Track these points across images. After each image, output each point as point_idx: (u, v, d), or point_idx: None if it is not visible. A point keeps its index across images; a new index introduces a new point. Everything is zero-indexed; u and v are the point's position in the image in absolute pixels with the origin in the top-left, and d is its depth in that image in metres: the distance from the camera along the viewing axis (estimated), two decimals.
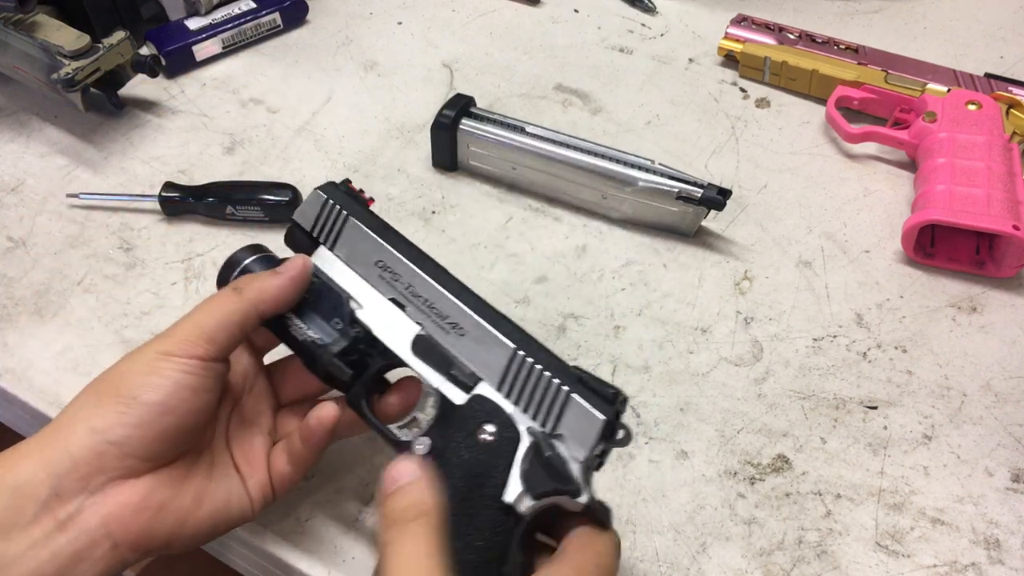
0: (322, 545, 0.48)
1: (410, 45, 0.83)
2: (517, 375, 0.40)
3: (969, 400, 0.55)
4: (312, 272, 0.46)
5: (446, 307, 0.43)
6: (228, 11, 0.81)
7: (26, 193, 0.68)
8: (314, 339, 0.45)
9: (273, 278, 0.45)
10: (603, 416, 0.38)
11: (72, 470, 0.38)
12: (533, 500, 0.38)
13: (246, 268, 0.47)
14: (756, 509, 0.50)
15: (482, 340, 0.42)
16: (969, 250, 0.63)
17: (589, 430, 0.38)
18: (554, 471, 0.38)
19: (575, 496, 0.38)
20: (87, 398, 0.41)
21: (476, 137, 0.67)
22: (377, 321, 0.44)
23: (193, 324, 0.42)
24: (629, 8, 0.88)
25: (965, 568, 0.47)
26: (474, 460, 0.39)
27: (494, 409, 0.40)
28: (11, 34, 0.68)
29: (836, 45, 0.78)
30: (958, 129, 0.66)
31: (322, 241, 0.47)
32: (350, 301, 0.45)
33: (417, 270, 0.44)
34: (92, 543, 0.38)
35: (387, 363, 0.44)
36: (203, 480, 0.43)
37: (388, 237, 0.46)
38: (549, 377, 0.40)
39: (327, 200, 0.47)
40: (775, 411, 0.55)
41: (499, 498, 0.38)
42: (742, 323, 0.60)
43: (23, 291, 0.61)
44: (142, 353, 0.41)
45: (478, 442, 0.39)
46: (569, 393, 0.39)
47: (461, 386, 0.41)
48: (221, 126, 0.74)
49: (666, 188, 0.62)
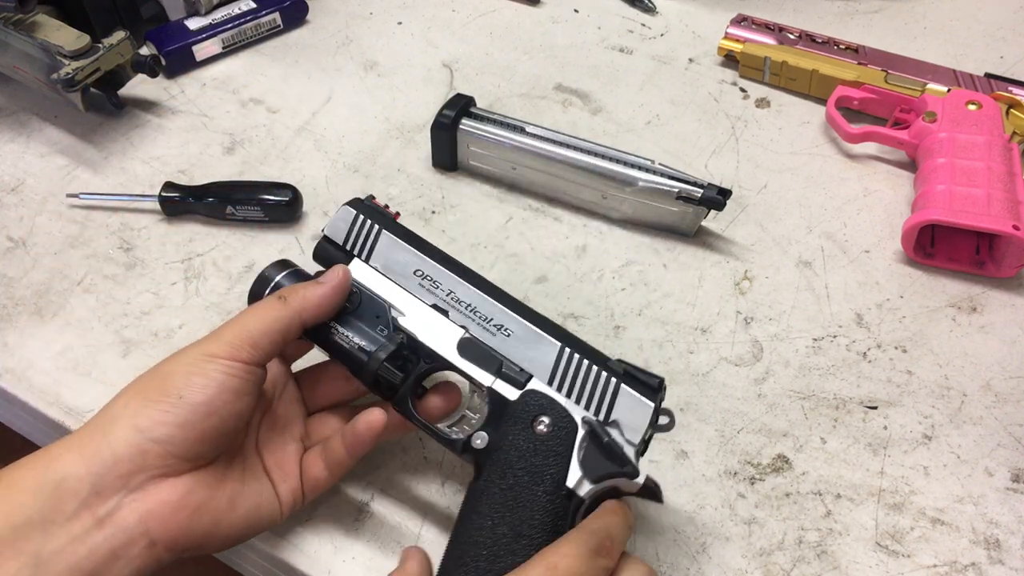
0: (322, 545, 0.48)
1: (410, 45, 0.83)
2: (566, 370, 0.44)
3: (969, 400, 0.55)
4: (352, 282, 0.47)
5: (490, 311, 0.46)
6: (228, 11, 0.81)
7: (26, 193, 0.68)
8: (360, 346, 0.46)
9: (317, 287, 0.46)
10: (652, 403, 0.42)
11: (113, 467, 0.39)
12: (592, 484, 0.41)
13: (278, 284, 0.49)
14: (756, 509, 0.50)
15: (528, 340, 0.45)
16: (969, 250, 0.63)
17: (641, 417, 0.42)
18: (612, 455, 0.41)
19: (632, 477, 0.41)
20: (131, 396, 0.41)
21: (476, 137, 0.67)
22: (421, 327, 0.46)
23: (239, 328, 0.43)
24: (629, 8, 0.88)
25: (965, 568, 0.47)
26: (532, 450, 0.42)
27: (548, 402, 0.43)
28: (11, 34, 0.68)
29: (836, 45, 0.78)
30: (958, 129, 0.66)
31: (356, 254, 0.49)
32: (391, 309, 0.47)
33: (458, 278, 0.47)
34: (129, 541, 0.39)
35: (431, 367, 0.46)
36: (237, 483, 0.43)
37: (424, 248, 0.48)
38: (597, 370, 0.43)
39: (357, 215, 0.49)
40: (775, 411, 0.55)
41: (561, 484, 0.41)
42: (742, 323, 0.60)
43: (23, 291, 0.61)
44: (187, 354, 0.42)
45: (535, 433, 0.42)
46: (618, 383, 0.43)
47: (513, 383, 0.44)
48: (221, 126, 0.74)
49: (666, 188, 0.62)
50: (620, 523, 0.40)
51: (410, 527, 0.49)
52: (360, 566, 0.48)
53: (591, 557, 0.37)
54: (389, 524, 0.49)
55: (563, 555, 0.37)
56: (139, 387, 0.42)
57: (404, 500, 0.50)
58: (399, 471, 0.51)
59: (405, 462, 0.52)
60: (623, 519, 0.40)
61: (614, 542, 0.39)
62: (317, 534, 0.49)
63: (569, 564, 0.37)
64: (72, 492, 0.38)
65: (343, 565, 0.48)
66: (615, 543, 0.39)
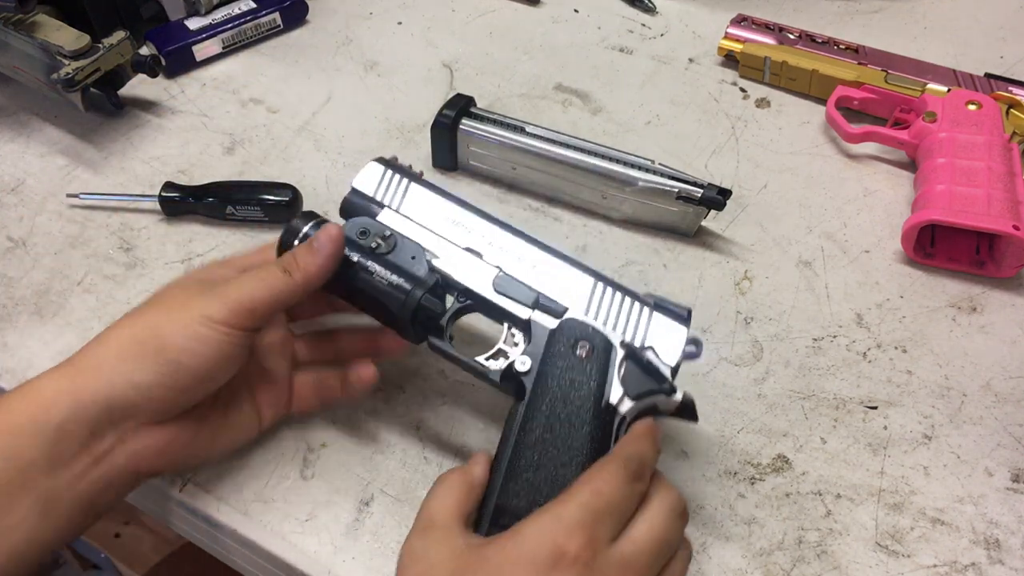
0: (322, 545, 0.48)
1: (410, 45, 0.83)
2: (601, 301, 0.46)
3: (969, 400, 0.55)
4: (346, 239, 0.48)
5: (523, 251, 0.48)
6: (228, 11, 0.81)
7: (26, 193, 0.68)
8: (398, 283, 0.47)
9: (315, 258, 0.46)
10: (685, 327, 0.46)
11: (108, 415, 0.42)
12: (633, 400, 0.44)
13: (306, 235, 0.48)
14: (756, 509, 0.50)
15: (563, 275, 0.47)
16: (969, 250, 0.63)
17: (676, 340, 0.45)
18: (651, 373, 0.45)
19: (670, 394, 0.44)
20: (126, 348, 0.42)
21: (476, 137, 0.67)
22: (456, 267, 0.48)
23: (241, 294, 0.44)
24: (629, 8, 0.88)
25: (965, 568, 0.47)
26: (574, 370, 0.44)
27: (587, 328, 0.46)
28: (11, 34, 0.68)
29: (836, 45, 0.78)
30: (958, 129, 0.66)
31: (387, 204, 0.50)
32: (425, 252, 0.49)
33: (488, 223, 0.49)
34: (119, 475, 0.43)
35: (466, 304, 0.48)
36: (220, 418, 0.47)
37: (453, 198, 0.50)
38: (631, 301, 0.46)
39: (386, 170, 0.51)
40: (775, 411, 0.55)
41: (602, 400, 0.44)
42: (742, 323, 0.60)
43: (23, 291, 0.61)
44: (186, 311, 0.43)
45: (576, 356, 0.45)
46: (651, 312, 0.46)
47: (551, 313, 0.46)
48: (221, 126, 0.74)
49: (666, 188, 0.62)
50: (651, 448, 0.42)
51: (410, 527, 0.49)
52: (360, 566, 0.48)
53: (628, 483, 0.40)
54: (389, 524, 0.49)
55: (604, 481, 0.39)
56: (135, 338, 0.43)
57: (404, 500, 0.50)
58: (399, 471, 0.51)
59: (405, 462, 0.52)
60: (653, 443, 0.42)
61: (646, 466, 0.41)
62: (317, 534, 0.49)
63: (611, 490, 0.39)
64: (72, 435, 0.41)
65: (343, 565, 0.48)
66: (647, 467, 0.41)
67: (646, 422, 0.44)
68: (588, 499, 0.39)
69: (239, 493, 0.50)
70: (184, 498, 0.50)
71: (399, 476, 0.51)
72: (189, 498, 0.50)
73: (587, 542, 0.37)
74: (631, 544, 0.39)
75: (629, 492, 0.40)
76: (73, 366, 0.43)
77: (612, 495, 0.39)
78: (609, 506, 0.39)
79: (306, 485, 0.51)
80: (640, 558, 0.38)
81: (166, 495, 0.51)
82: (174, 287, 0.46)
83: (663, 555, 0.40)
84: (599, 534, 0.38)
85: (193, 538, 0.54)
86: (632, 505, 0.40)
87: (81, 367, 0.42)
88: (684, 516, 0.42)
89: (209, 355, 0.43)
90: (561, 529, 0.37)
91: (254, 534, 0.49)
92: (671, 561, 0.41)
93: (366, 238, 0.48)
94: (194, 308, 0.43)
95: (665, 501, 0.41)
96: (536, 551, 0.37)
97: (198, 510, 0.50)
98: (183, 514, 0.52)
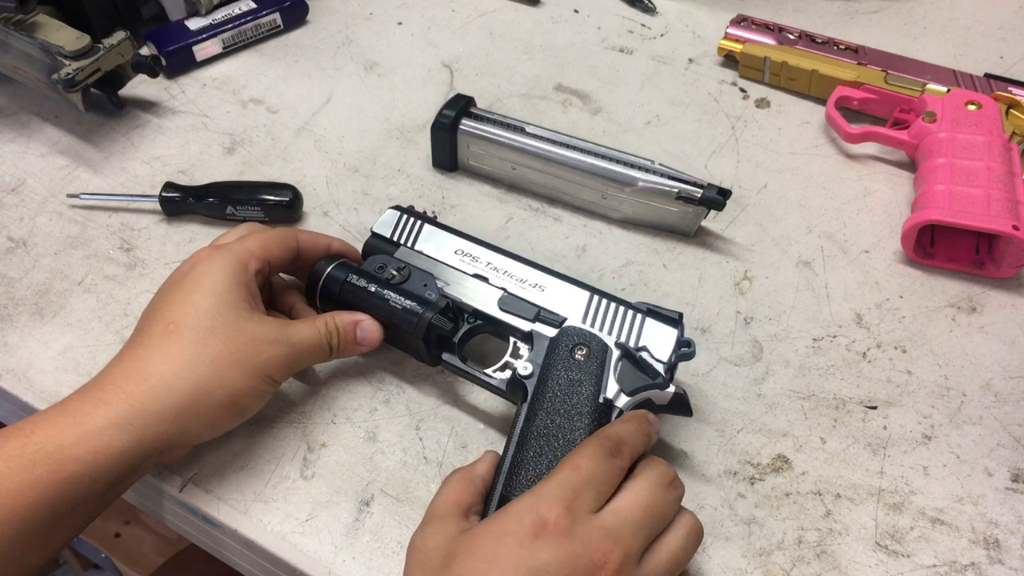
0: (322, 545, 0.48)
1: (410, 45, 0.83)
2: (597, 310, 0.51)
3: (969, 400, 0.55)
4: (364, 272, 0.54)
5: (525, 273, 0.54)
6: (228, 11, 0.81)
7: (27, 193, 0.68)
8: (411, 307, 0.52)
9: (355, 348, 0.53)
10: (676, 329, 0.50)
11: (157, 456, 0.46)
12: (628, 396, 0.48)
13: (329, 277, 0.54)
14: (756, 509, 0.50)
15: (561, 291, 0.52)
16: (969, 250, 0.63)
17: (666, 341, 0.49)
18: (644, 370, 0.48)
19: (663, 388, 0.48)
20: (190, 400, 0.46)
21: (476, 137, 0.67)
22: (464, 291, 0.54)
23: (298, 362, 0.50)
24: (629, 8, 0.88)
25: (965, 568, 0.47)
26: (572, 372, 0.48)
27: (584, 333, 0.50)
28: (11, 34, 0.68)
29: (836, 45, 0.78)
30: (958, 129, 0.66)
31: (402, 243, 0.56)
32: (436, 280, 0.54)
33: (493, 252, 0.55)
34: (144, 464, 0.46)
35: (476, 324, 0.53)
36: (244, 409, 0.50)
37: (461, 234, 0.56)
38: (624, 308, 0.51)
39: (402, 215, 0.58)
40: (775, 411, 0.55)
41: (599, 396, 0.47)
42: (742, 323, 0.60)
43: (23, 291, 0.61)
44: (253, 368, 0.48)
45: (574, 359, 0.49)
46: (644, 317, 0.50)
47: (550, 324, 0.51)
48: (221, 126, 0.74)
49: (666, 188, 0.62)
50: (632, 428, 0.45)
51: (410, 527, 0.49)
52: (360, 566, 0.48)
53: (606, 458, 0.42)
54: (389, 524, 0.49)
55: (583, 456, 0.42)
56: (198, 390, 0.46)
57: (404, 500, 0.50)
58: (399, 471, 0.51)
59: (405, 462, 0.52)
60: (636, 426, 0.45)
61: (626, 444, 0.43)
62: (317, 534, 0.49)
63: (589, 464, 0.42)
64: (125, 466, 0.44)
65: (343, 565, 0.48)
66: (627, 445, 0.43)
67: (635, 411, 0.47)
68: (567, 474, 0.41)
69: (239, 493, 0.50)
70: (184, 498, 0.50)
71: (399, 476, 0.51)
72: (189, 498, 0.50)
73: (565, 511, 0.39)
74: (612, 515, 0.40)
75: (607, 466, 0.42)
76: (133, 408, 0.44)
77: (590, 469, 0.41)
78: (588, 479, 0.41)
79: (306, 485, 0.51)
80: (623, 527, 0.40)
81: (166, 495, 0.51)
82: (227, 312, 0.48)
83: (650, 525, 0.41)
84: (578, 505, 0.40)
85: (193, 538, 0.54)
86: (612, 479, 0.42)
87: (143, 412, 0.44)
88: (674, 487, 0.43)
89: (262, 405, 0.50)
90: (542, 503, 0.40)
91: (254, 534, 0.49)
92: (666, 532, 0.42)
93: (383, 271, 0.54)
94: (260, 366, 0.48)
95: (650, 474, 0.43)
96: (519, 524, 0.39)
97: (198, 510, 0.50)
98: (183, 514, 0.52)
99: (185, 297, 0.48)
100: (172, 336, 0.47)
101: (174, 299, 0.48)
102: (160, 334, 0.47)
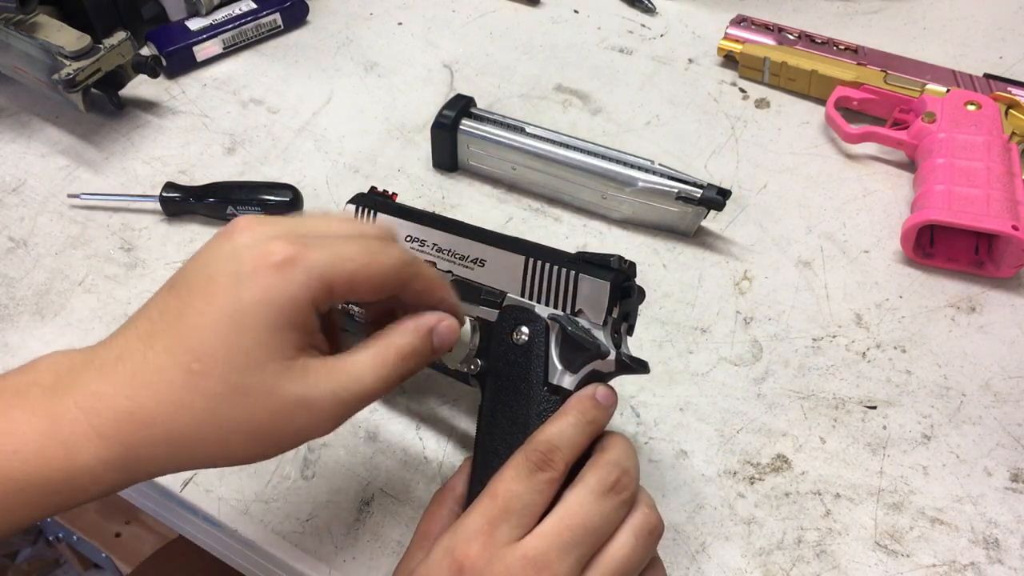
0: (322, 545, 0.48)
1: (410, 45, 0.83)
2: (534, 277, 0.46)
3: (968, 400, 0.55)
4: None
5: (466, 250, 0.49)
6: (229, 12, 0.81)
7: (27, 193, 0.68)
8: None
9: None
10: (606, 280, 0.44)
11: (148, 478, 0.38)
12: (572, 375, 0.44)
13: None
14: (756, 509, 0.50)
15: (499, 261, 0.47)
16: (968, 250, 0.63)
17: (600, 296, 0.44)
18: (581, 342, 0.43)
19: (604, 357, 0.43)
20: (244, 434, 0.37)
21: (476, 137, 0.67)
22: None
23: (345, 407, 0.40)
24: (629, 8, 0.88)
25: (964, 568, 0.48)
26: (516, 359, 0.45)
27: (522, 311, 0.46)
28: (12, 35, 0.68)
29: (835, 45, 0.78)
30: (957, 129, 0.66)
31: None
32: None
33: (435, 231, 0.50)
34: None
35: None
36: None
37: (410, 216, 0.52)
38: (558, 268, 0.45)
39: (357, 208, 0.54)
40: (774, 411, 0.55)
41: (544, 381, 0.43)
42: (742, 323, 0.60)
43: (24, 291, 0.61)
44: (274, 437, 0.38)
45: (516, 345, 0.45)
46: (577, 274, 0.45)
47: (492, 305, 0.47)
48: (221, 126, 0.74)
49: (666, 188, 0.62)
50: (568, 425, 0.41)
51: (410, 527, 0.49)
52: (360, 566, 0.48)
53: (530, 475, 0.39)
54: (389, 524, 0.49)
55: (502, 480, 0.39)
56: (252, 425, 0.36)
57: (404, 500, 0.50)
58: (399, 471, 0.52)
59: (405, 462, 0.52)
60: (573, 420, 0.41)
61: (558, 450, 0.40)
62: (317, 534, 0.49)
63: (507, 488, 0.39)
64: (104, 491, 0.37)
65: (343, 565, 0.48)
66: (559, 451, 0.40)
67: (576, 395, 0.42)
68: (484, 505, 0.38)
69: (239, 493, 0.50)
70: (184, 498, 0.50)
71: (399, 476, 0.51)
72: (189, 498, 0.50)
73: (483, 548, 0.37)
74: (537, 539, 0.37)
75: (530, 486, 0.39)
76: (171, 431, 0.36)
77: (508, 494, 0.38)
78: (505, 508, 0.38)
79: (306, 485, 0.51)
80: (549, 552, 0.37)
81: (167, 495, 0.51)
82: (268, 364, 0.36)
83: (583, 542, 0.38)
84: (497, 537, 0.37)
85: (193, 537, 0.55)
86: (539, 497, 0.39)
87: (139, 458, 0.36)
88: (616, 490, 0.39)
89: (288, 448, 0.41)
90: (458, 543, 0.38)
91: (254, 534, 0.49)
92: (610, 541, 0.39)
93: None
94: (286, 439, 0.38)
95: (589, 480, 0.39)
96: (438, 569, 0.38)
97: (198, 510, 0.50)
98: (184, 513, 0.52)
99: (223, 316, 0.36)
100: (194, 379, 0.36)
101: (208, 311, 0.36)
102: (183, 372, 0.36)
